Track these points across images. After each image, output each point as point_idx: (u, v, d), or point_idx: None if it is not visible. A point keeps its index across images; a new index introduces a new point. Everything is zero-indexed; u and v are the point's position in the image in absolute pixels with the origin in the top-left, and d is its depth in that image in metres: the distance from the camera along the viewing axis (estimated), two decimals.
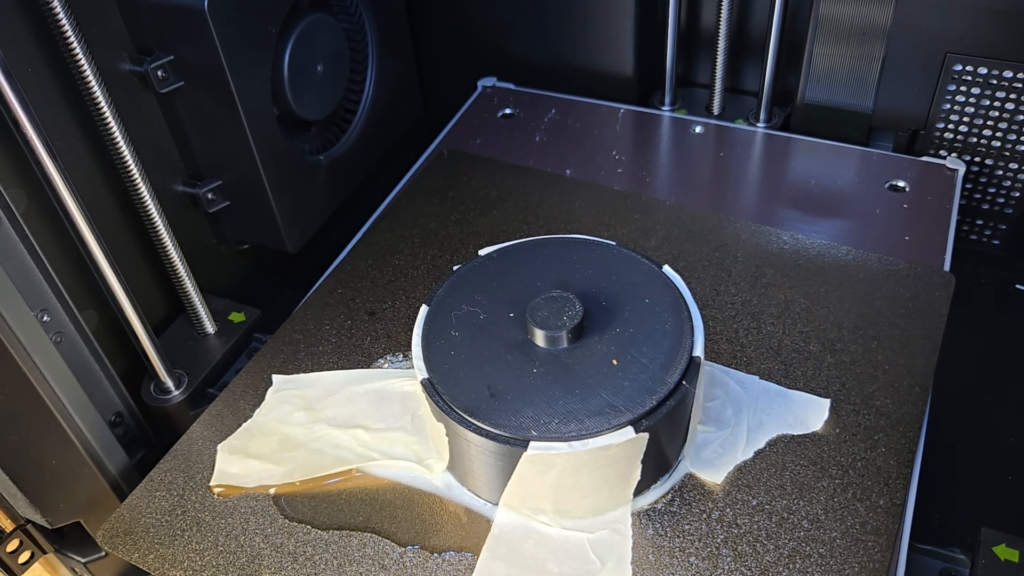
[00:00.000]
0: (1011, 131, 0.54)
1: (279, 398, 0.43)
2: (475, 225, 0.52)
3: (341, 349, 0.45)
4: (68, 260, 0.43)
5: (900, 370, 0.42)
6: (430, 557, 0.36)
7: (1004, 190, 0.57)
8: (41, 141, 0.38)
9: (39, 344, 0.40)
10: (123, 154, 0.43)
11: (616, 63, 0.63)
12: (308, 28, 0.51)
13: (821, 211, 0.52)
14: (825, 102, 0.59)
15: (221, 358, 0.49)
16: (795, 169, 0.56)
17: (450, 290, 0.40)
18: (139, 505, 0.39)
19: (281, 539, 0.37)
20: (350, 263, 0.51)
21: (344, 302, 0.48)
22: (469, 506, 0.38)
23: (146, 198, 0.45)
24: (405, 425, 0.40)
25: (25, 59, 0.40)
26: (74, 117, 0.43)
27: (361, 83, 0.59)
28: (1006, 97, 0.53)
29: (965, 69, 0.53)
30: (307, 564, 0.36)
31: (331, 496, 0.39)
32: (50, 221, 0.42)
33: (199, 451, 0.41)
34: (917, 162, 0.55)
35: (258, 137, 0.49)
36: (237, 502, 0.39)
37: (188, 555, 0.37)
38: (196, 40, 0.45)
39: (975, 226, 0.60)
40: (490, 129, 0.61)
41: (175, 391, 0.47)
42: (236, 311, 0.52)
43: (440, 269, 0.49)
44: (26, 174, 0.40)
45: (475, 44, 0.68)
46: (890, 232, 0.50)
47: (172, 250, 0.47)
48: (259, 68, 0.49)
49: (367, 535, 0.37)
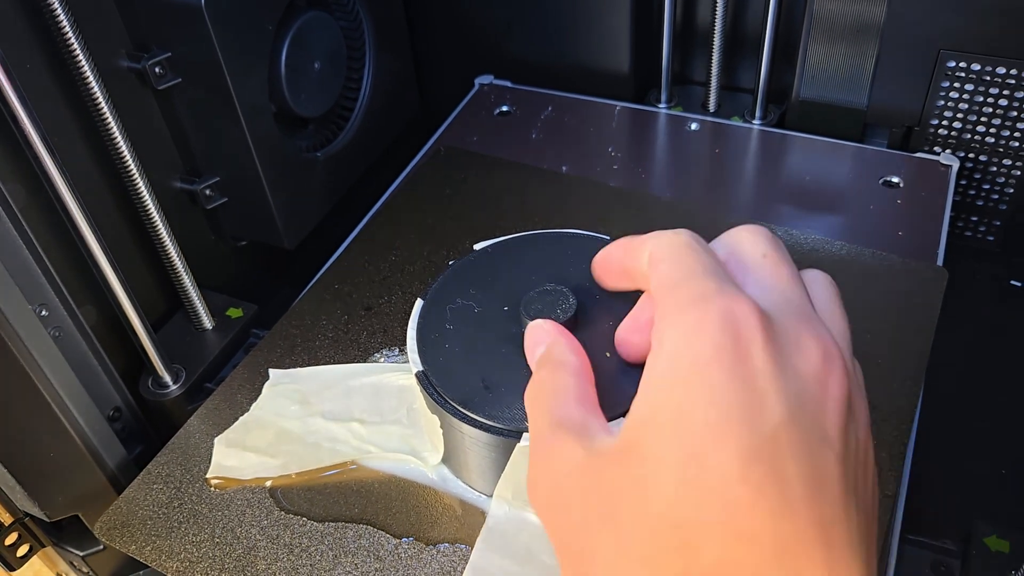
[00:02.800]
0: (1004, 127, 0.55)
1: (276, 392, 0.43)
2: (471, 221, 0.52)
3: (338, 344, 0.45)
4: (66, 255, 0.44)
5: (893, 364, 0.42)
6: (425, 549, 0.36)
7: (998, 186, 0.57)
8: (39, 137, 0.39)
9: (38, 339, 0.41)
10: (121, 150, 0.44)
11: (612, 61, 0.63)
12: (305, 25, 0.52)
13: (815, 207, 0.53)
14: (820, 99, 0.59)
15: (219, 353, 0.49)
16: (790, 165, 0.56)
17: (445, 284, 0.40)
18: (136, 498, 0.39)
19: (277, 531, 0.37)
20: (347, 259, 0.51)
21: (341, 297, 0.48)
22: (464, 498, 0.38)
23: (144, 194, 0.45)
24: (401, 418, 0.41)
25: (24, 55, 0.40)
26: (72, 113, 0.43)
27: (358, 80, 0.59)
28: (999, 93, 0.54)
29: (959, 65, 0.54)
30: (303, 555, 0.36)
31: (327, 488, 0.39)
32: (48, 217, 0.42)
33: (196, 444, 0.41)
34: (911, 158, 0.55)
35: (255, 134, 0.49)
36: (234, 495, 0.39)
37: (185, 547, 0.37)
38: (193, 37, 0.45)
39: (969, 222, 0.60)
40: (487, 126, 0.61)
41: (173, 386, 0.47)
42: (234, 307, 0.52)
43: (437, 264, 0.49)
44: (24, 170, 0.40)
45: (472, 42, 0.68)
46: (884, 228, 0.51)
47: (170, 246, 0.47)
48: (256, 65, 0.49)
49: (362, 527, 0.37)
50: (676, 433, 0.22)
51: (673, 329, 0.23)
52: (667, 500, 0.21)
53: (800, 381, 0.22)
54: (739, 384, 0.22)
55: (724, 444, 0.21)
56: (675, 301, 0.24)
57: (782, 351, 0.23)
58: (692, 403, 0.22)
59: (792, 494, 0.21)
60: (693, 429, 0.22)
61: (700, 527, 0.21)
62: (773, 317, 0.23)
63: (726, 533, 0.21)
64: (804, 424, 0.22)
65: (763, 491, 0.21)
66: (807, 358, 0.23)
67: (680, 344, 0.23)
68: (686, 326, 0.23)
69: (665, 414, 0.22)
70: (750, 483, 0.21)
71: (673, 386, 0.22)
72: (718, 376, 0.22)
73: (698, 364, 0.22)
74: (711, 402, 0.22)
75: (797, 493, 0.21)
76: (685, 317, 0.23)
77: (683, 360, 0.23)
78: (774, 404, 0.22)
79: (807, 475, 0.21)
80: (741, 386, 0.22)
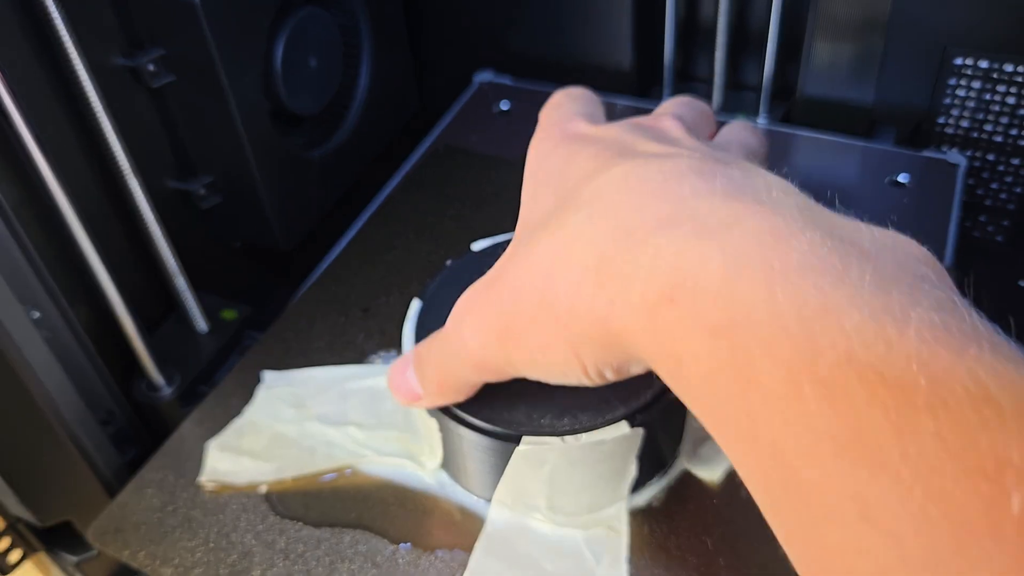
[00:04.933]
0: (1013, 125, 0.54)
1: (270, 395, 0.42)
2: (471, 220, 0.51)
3: (334, 345, 0.45)
4: (59, 257, 0.43)
5: None
6: (422, 554, 0.36)
7: (1006, 185, 0.57)
8: (31, 135, 0.38)
9: (30, 341, 0.40)
10: (114, 150, 0.43)
11: (614, 57, 0.62)
12: (301, 22, 0.51)
13: (821, 205, 0.52)
14: (825, 96, 0.58)
15: (213, 356, 0.49)
16: (795, 163, 0.55)
17: (443, 284, 0.39)
18: (129, 502, 0.39)
19: (272, 536, 0.37)
20: (343, 259, 0.50)
21: (337, 298, 0.47)
22: (462, 503, 0.37)
23: (138, 194, 0.45)
24: (398, 422, 0.40)
25: (15, 52, 0.40)
26: (65, 112, 0.43)
27: (355, 78, 0.59)
28: (1007, 91, 0.53)
29: (966, 63, 0.53)
30: (298, 561, 0.36)
31: (323, 493, 0.38)
32: (41, 217, 0.42)
33: (190, 448, 0.41)
34: (918, 157, 0.54)
35: (250, 132, 0.48)
36: (228, 499, 0.38)
37: (179, 552, 0.36)
38: (188, 34, 0.45)
39: (977, 221, 0.59)
40: (486, 124, 0.61)
41: (167, 389, 0.47)
42: (228, 308, 0.51)
43: (435, 265, 0.49)
44: (16, 169, 0.40)
45: (472, 38, 0.67)
46: (891, 227, 0.50)
47: (164, 247, 0.46)
48: (251, 62, 0.48)
49: (359, 532, 0.36)
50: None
51: (528, 157, 0.34)
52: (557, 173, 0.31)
53: (628, 138, 0.31)
54: (571, 149, 0.32)
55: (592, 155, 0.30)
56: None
57: (609, 130, 0.32)
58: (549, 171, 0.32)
59: (645, 148, 0.30)
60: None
61: (573, 186, 0.29)
62: (606, 124, 0.33)
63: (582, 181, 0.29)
64: (638, 130, 0.31)
65: (642, 135, 0.31)
66: (636, 126, 0.32)
67: (532, 159, 0.34)
68: (532, 147, 0.34)
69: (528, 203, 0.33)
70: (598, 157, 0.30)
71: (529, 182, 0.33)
72: (559, 153, 0.32)
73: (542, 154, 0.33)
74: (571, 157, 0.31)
75: (649, 147, 0.30)
76: (532, 144, 0.34)
77: (534, 163, 0.34)
78: (606, 146, 0.30)
79: (652, 137, 0.31)
80: (576, 149, 0.31)
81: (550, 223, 0.28)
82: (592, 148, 0.30)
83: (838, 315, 0.19)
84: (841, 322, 0.19)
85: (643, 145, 0.30)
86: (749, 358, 0.20)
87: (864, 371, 0.18)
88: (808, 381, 0.19)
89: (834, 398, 0.18)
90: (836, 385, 0.18)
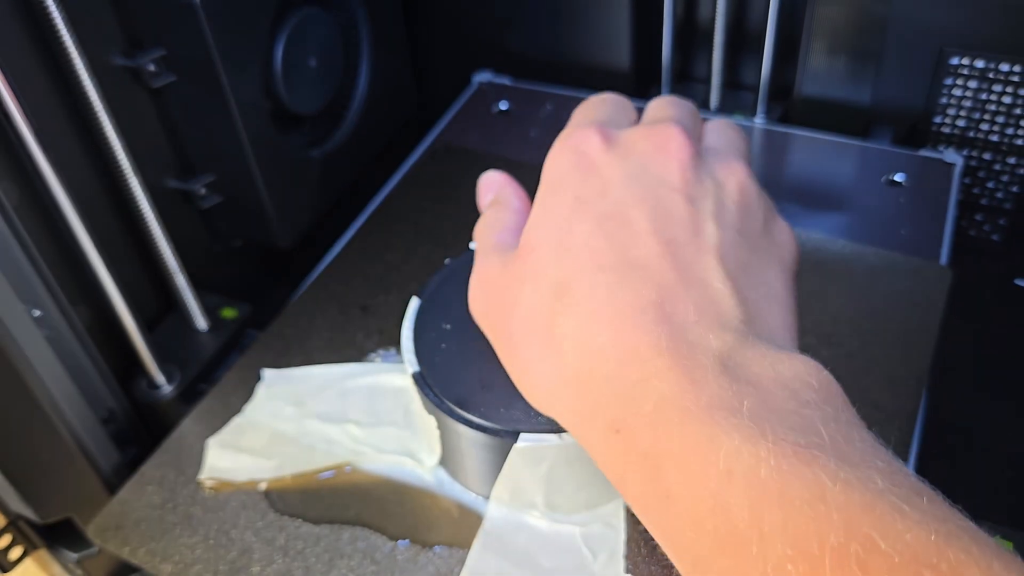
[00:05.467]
0: (1009, 125, 0.54)
1: (270, 393, 0.42)
2: (469, 220, 0.51)
3: (333, 344, 0.45)
4: (60, 256, 0.43)
5: (896, 364, 0.41)
6: (421, 551, 0.36)
7: (1002, 184, 0.57)
8: (32, 135, 0.38)
9: (31, 340, 0.40)
10: (115, 149, 0.43)
11: (613, 57, 0.63)
12: (301, 22, 0.51)
13: (818, 205, 0.52)
14: (822, 96, 0.59)
15: (213, 354, 0.49)
16: (792, 163, 0.56)
17: (442, 283, 0.39)
18: (130, 500, 0.39)
19: (272, 533, 0.37)
20: (343, 258, 0.51)
21: (337, 297, 0.48)
22: (461, 500, 0.37)
23: (138, 193, 0.45)
24: (397, 420, 0.40)
25: (16, 52, 0.40)
26: (65, 111, 0.43)
27: (355, 78, 0.59)
28: (1003, 91, 0.53)
29: (962, 62, 0.53)
30: (298, 558, 0.36)
31: (322, 491, 0.38)
32: (42, 216, 0.42)
33: (190, 446, 0.41)
34: (915, 156, 0.55)
35: (250, 132, 0.49)
36: (228, 497, 0.38)
37: (179, 549, 0.37)
38: (188, 34, 0.45)
39: (973, 221, 0.59)
40: (485, 124, 0.61)
41: (167, 387, 0.47)
42: (228, 307, 0.51)
43: (434, 263, 0.49)
44: (17, 168, 0.40)
45: (470, 38, 0.67)
46: (887, 226, 0.50)
47: (164, 246, 0.47)
48: (251, 62, 0.48)
49: (358, 529, 0.37)
50: (548, 220, 0.30)
51: (545, 165, 0.32)
52: (548, 263, 0.28)
53: (640, 157, 0.30)
54: (585, 176, 0.30)
55: (583, 216, 0.28)
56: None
57: (623, 147, 0.30)
58: (557, 201, 0.30)
59: (638, 228, 0.28)
60: (561, 214, 0.29)
61: (572, 272, 0.27)
62: (619, 133, 0.31)
63: (588, 269, 0.27)
64: (644, 180, 0.29)
65: (614, 234, 0.28)
66: (646, 140, 0.30)
67: (547, 171, 0.31)
68: (550, 159, 0.32)
69: (541, 213, 0.30)
70: (604, 232, 0.28)
71: (544, 196, 0.31)
72: (571, 179, 0.30)
73: (558, 176, 0.31)
74: (571, 195, 0.29)
75: (642, 227, 0.27)
76: (551, 153, 0.32)
77: (548, 179, 0.31)
78: (615, 178, 0.29)
79: (650, 212, 0.28)
80: (587, 177, 0.30)
81: (538, 329, 0.28)
82: (592, 211, 0.29)
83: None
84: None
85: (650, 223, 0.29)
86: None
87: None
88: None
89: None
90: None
